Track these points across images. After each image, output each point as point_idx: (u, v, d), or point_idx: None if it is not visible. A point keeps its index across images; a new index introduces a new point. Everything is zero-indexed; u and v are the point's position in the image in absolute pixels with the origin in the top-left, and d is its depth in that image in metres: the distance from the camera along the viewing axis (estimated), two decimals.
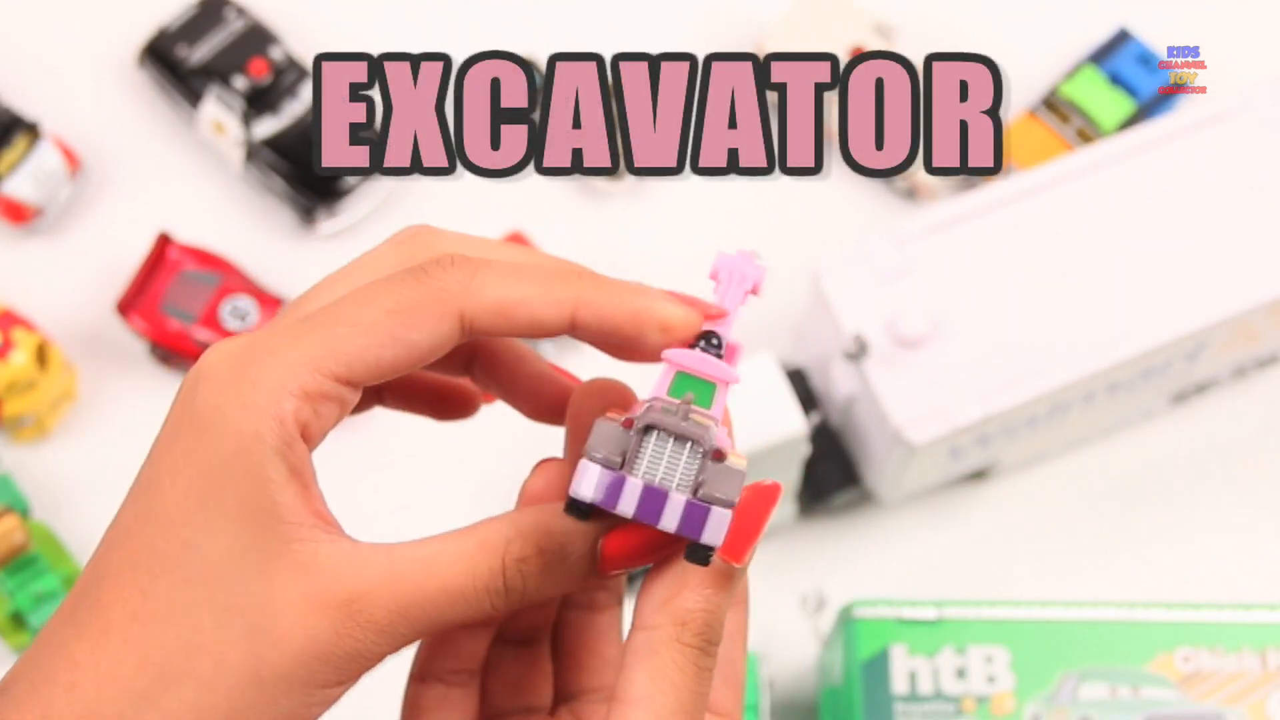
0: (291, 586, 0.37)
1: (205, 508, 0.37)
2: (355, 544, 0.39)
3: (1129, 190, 0.86)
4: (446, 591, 0.39)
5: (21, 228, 0.99)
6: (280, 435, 0.37)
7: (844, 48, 0.98)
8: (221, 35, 1.01)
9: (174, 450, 0.38)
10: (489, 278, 0.39)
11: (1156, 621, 0.76)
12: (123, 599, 0.37)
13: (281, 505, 0.37)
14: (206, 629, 0.37)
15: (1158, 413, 0.96)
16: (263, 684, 0.37)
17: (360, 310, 0.38)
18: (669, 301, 0.41)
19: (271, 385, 0.37)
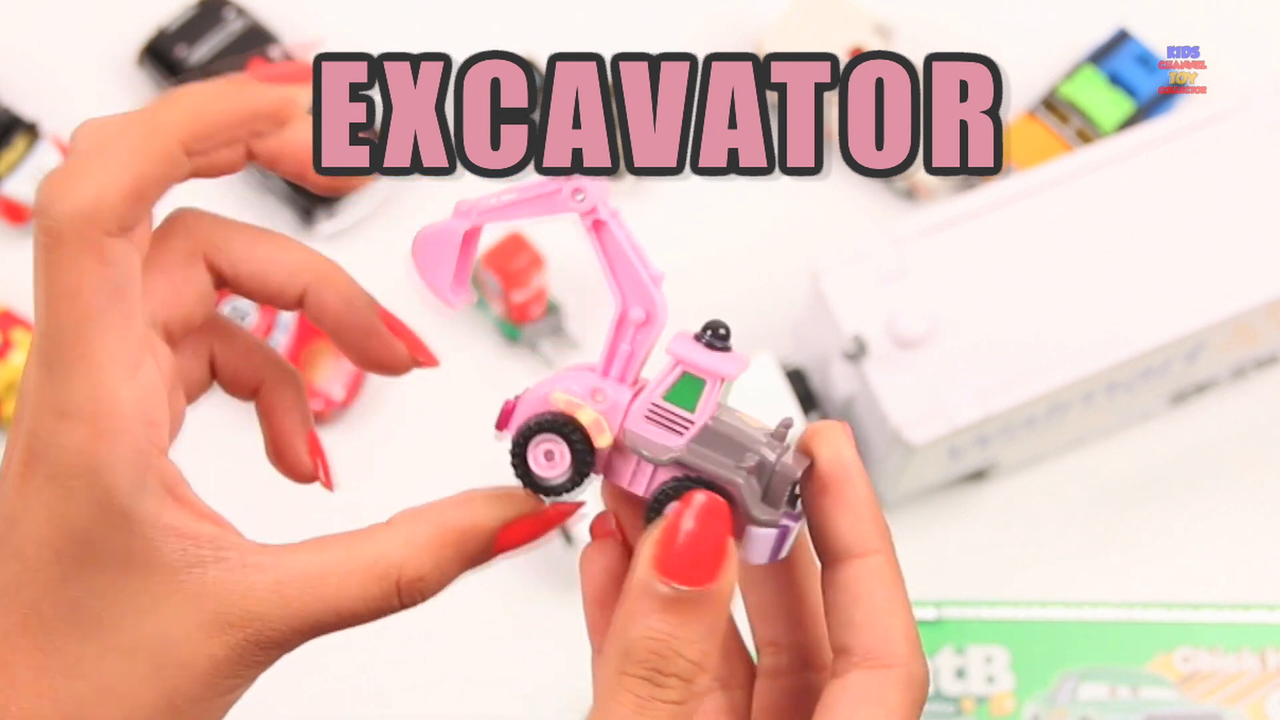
0: (186, 618, 0.38)
1: (81, 568, 0.38)
2: (241, 558, 0.39)
3: (1128, 190, 0.86)
4: (336, 612, 0.40)
5: (21, 228, 0.99)
6: (133, 474, 0.37)
7: (843, 48, 0.98)
8: (221, 35, 1.00)
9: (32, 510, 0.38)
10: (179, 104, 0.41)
11: (1156, 621, 0.76)
12: (25, 658, 0.38)
13: (157, 538, 0.38)
14: (115, 674, 0.38)
15: (1157, 413, 0.96)
16: (176, 709, 0.39)
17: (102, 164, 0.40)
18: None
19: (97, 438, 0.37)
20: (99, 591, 0.38)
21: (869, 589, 0.40)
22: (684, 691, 0.37)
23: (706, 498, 0.38)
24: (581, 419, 0.39)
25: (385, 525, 0.40)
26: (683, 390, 0.40)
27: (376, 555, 0.40)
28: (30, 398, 0.39)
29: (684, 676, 0.37)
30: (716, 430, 0.40)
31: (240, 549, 0.39)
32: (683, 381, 0.40)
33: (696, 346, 0.40)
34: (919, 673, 0.40)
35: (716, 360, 0.40)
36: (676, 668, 0.37)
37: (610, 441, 0.40)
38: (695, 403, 0.40)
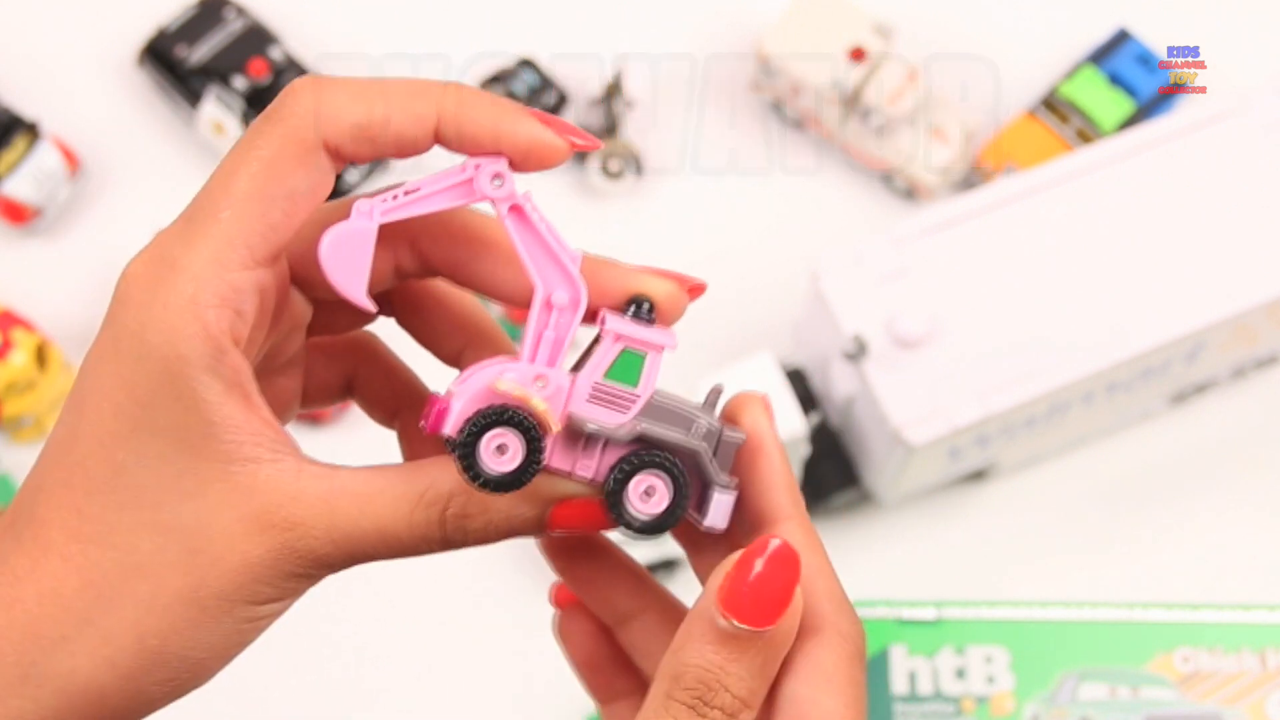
0: (228, 510, 0.37)
1: (136, 431, 0.37)
2: (298, 464, 0.38)
3: (1128, 190, 0.86)
4: (381, 533, 0.39)
5: (21, 228, 0.99)
6: (208, 351, 0.36)
7: (843, 48, 0.98)
8: (221, 35, 1.00)
9: (101, 371, 0.37)
10: (339, 98, 0.38)
11: (1156, 621, 0.76)
12: (60, 517, 0.37)
13: (218, 425, 0.37)
14: (144, 551, 0.37)
15: (1157, 413, 0.96)
16: (202, 604, 0.38)
17: (231, 185, 0.37)
18: (531, 121, 0.39)
19: (184, 302, 0.36)
20: (146, 461, 0.37)
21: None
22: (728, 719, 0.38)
23: (781, 544, 0.38)
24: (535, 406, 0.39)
25: (444, 459, 0.39)
26: (623, 367, 0.39)
27: (429, 483, 0.39)
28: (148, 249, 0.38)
29: (727, 711, 0.38)
30: (658, 404, 0.40)
31: (298, 457, 0.38)
32: (622, 358, 0.39)
33: (630, 322, 0.40)
34: (849, 628, 0.39)
35: (654, 333, 0.40)
36: (722, 701, 0.37)
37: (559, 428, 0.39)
38: (638, 378, 0.39)
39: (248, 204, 0.37)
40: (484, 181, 0.39)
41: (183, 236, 0.37)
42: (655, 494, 0.39)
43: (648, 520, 0.39)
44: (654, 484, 0.39)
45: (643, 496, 0.39)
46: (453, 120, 0.38)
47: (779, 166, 1.04)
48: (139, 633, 0.37)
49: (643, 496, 0.39)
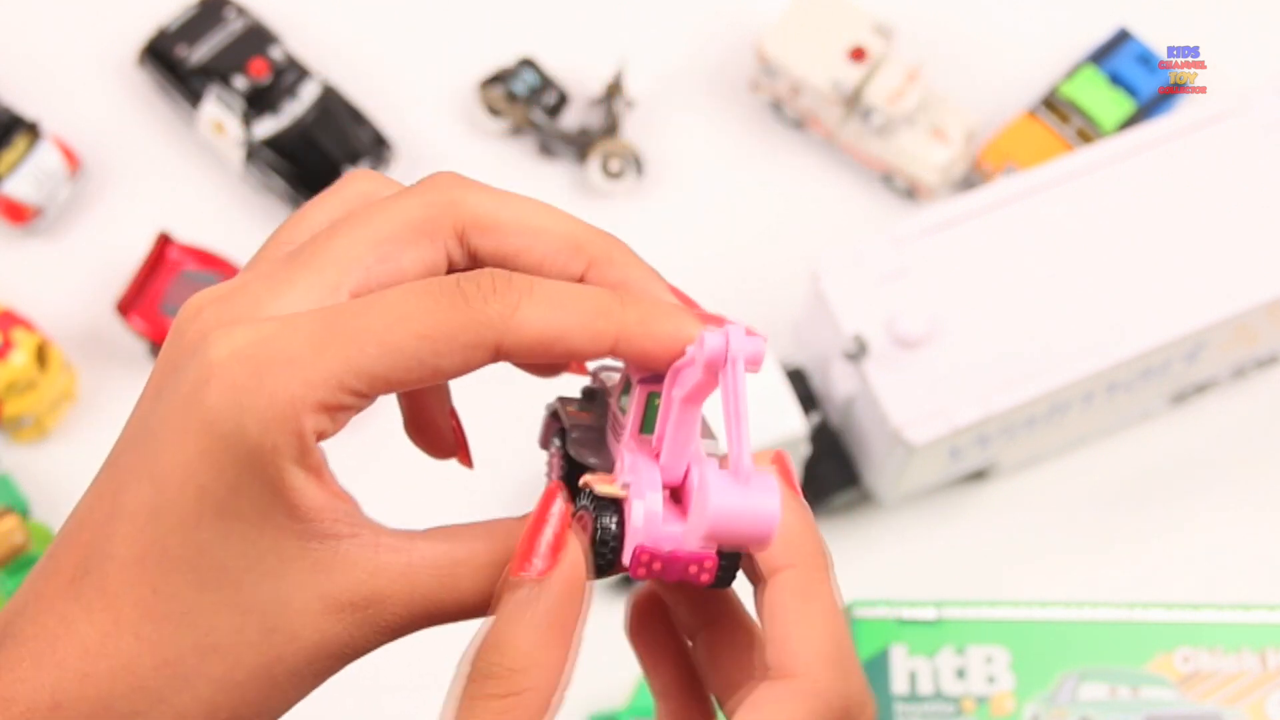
0: (309, 588, 0.37)
1: (222, 515, 0.36)
2: (375, 538, 0.38)
3: (1129, 190, 0.86)
4: (462, 606, 0.39)
5: (21, 228, 0.99)
6: (298, 447, 0.36)
7: (843, 48, 0.98)
8: (221, 35, 1.00)
9: (184, 448, 0.37)
10: (532, 311, 0.37)
11: (1156, 621, 0.76)
12: (133, 593, 0.37)
13: (301, 508, 0.37)
14: (222, 631, 0.37)
15: (1157, 413, 0.96)
16: (275, 681, 0.38)
17: (392, 330, 0.36)
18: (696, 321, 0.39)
19: (291, 399, 0.36)
20: (229, 544, 0.36)
21: (779, 602, 0.39)
22: (508, 686, 0.37)
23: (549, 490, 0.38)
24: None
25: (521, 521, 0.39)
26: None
27: (505, 547, 0.38)
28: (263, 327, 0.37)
29: (511, 667, 0.37)
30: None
31: (374, 530, 0.38)
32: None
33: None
34: (826, 686, 0.38)
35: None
36: (500, 658, 0.37)
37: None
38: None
39: (395, 355, 0.36)
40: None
41: (312, 340, 0.36)
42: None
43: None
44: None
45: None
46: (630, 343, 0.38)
47: (779, 166, 1.04)
48: (212, 709, 0.37)
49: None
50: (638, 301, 0.39)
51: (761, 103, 1.04)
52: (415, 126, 1.03)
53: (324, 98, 1.00)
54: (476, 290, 0.37)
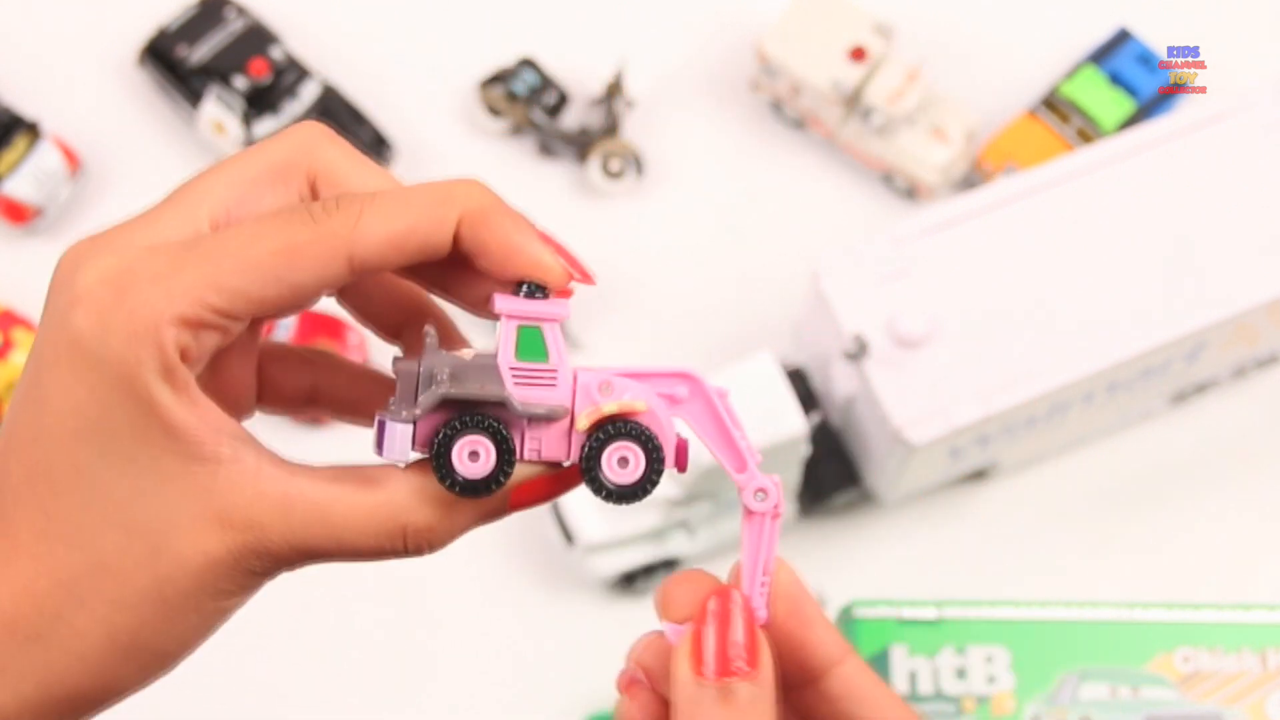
0: (190, 507, 0.38)
1: (98, 431, 0.38)
2: (256, 464, 0.39)
3: (1129, 190, 0.86)
4: (339, 543, 0.39)
5: (21, 228, 0.99)
6: (160, 360, 0.37)
7: (843, 48, 0.98)
8: (221, 35, 1.00)
9: (58, 370, 0.38)
10: (375, 215, 0.39)
11: (1156, 621, 0.76)
12: (27, 517, 0.38)
13: (176, 426, 0.38)
14: (110, 550, 0.38)
15: (1158, 413, 0.96)
16: (167, 601, 0.39)
17: (246, 247, 0.38)
18: (544, 248, 0.41)
19: (151, 312, 0.37)
20: (108, 462, 0.38)
21: (865, 685, 0.42)
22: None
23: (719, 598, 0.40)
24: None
25: (402, 471, 0.40)
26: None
27: (387, 498, 0.40)
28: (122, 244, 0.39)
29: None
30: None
31: (257, 456, 0.39)
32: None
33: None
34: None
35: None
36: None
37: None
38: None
39: (252, 270, 0.38)
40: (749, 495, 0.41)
41: (172, 257, 0.38)
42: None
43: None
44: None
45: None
46: (469, 223, 0.40)
47: (779, 166, 1.04)
48: (109, 629, 0.38)
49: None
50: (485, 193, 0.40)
51: (761, 103, 1.04)
52: (415, 126, 1.03)
53: (324, 98, 1.00)
54: (322, 208, 0.39)
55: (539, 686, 0.90)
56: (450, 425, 0.39)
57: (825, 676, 0.42)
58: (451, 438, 0.39)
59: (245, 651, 0.91)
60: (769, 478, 0.41)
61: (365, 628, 0.92)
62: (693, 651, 0.39)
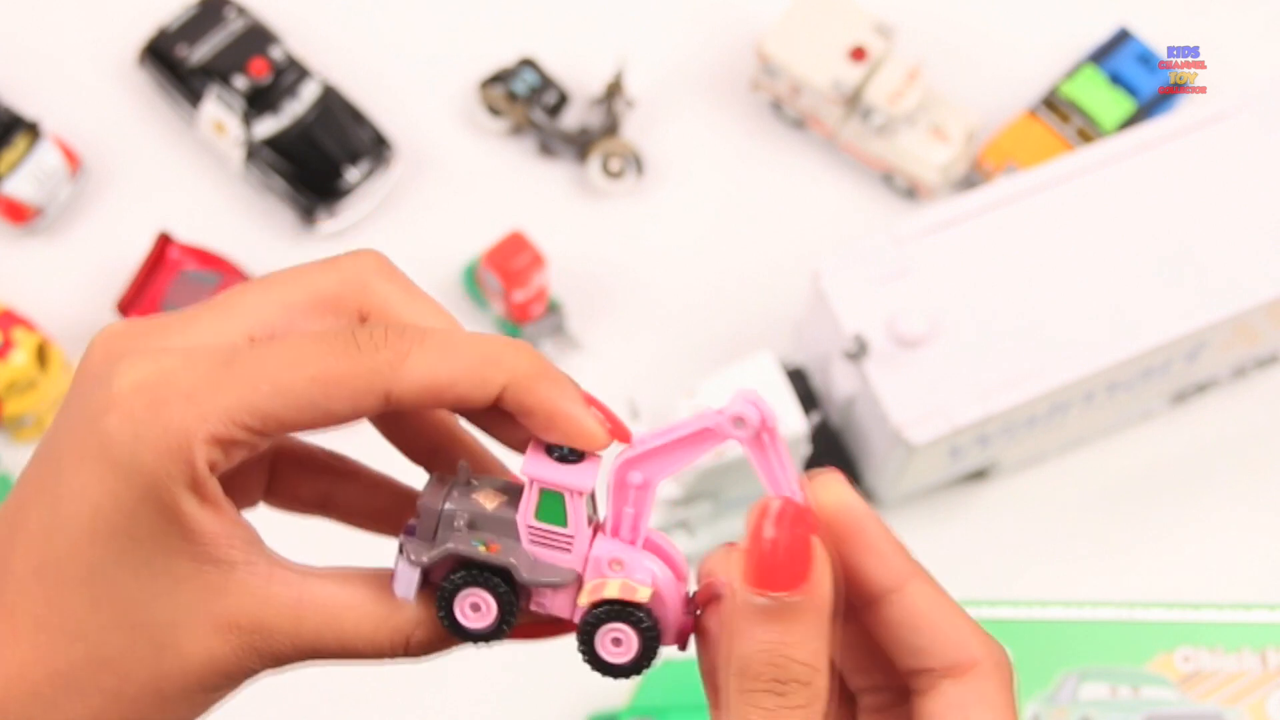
0: (199, 609, 0.39)
1: (117, 535, 0.38)
2: (269, 569, 0.39)
3: (1129, 190, 0.86)
4: (344, 648, 0.40)
5: (21, 228, 0.99)
6: (190, 475, 0.38)
7: (843, 48, 0.98)
8: (221, 35, 1.00)
9: (83, 471, 0.38)
10: (421, 359, 0.39)
11: (1156, 621, 0.76)
12: (29, 606, 0.39)
13: (196, 533, 0.38)
14: (112, 645, 0.39)
15: (1158, 413, 0.96)
16: (163, 696, 0.39)
17: (285, 371, 0.38)
18: (588, 415, 0.40)
19: (185, 430, 0.37)
20: (122, 564, 0.38)
21: (924, 610, 0.41)
22: (806, 695, 0.38)
23: (782, 502, 0.38)
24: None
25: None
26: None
27: (398, 610, 0.40)
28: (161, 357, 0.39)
29: (803, 680, 0.38)
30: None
31: (269, 560, 0.40)
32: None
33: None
34: (1000, 656, 0.41)
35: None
36: (794, 673, 0.38)
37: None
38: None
39: (288, 396, 0.38)
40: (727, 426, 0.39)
41: (209, 376, 0.38)
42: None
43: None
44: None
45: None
46: (516, 391, 0.39)
47: (779, 166, 1.04)
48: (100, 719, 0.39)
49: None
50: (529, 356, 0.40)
51: (762, 102, 1.04)
52: (415, 126, 1.03)
53: (324, 98, 1.00)
54: (369, 339, 0.39)
55: (539, 686, 0.90)
56: (454, 578, 0.39)
57: (883, 601, 0.41)
58: (455, 590, 0.40)
59: None
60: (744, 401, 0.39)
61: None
62: (751, 564, 0.38)
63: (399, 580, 0.40)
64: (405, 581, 0.40)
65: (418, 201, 1.02)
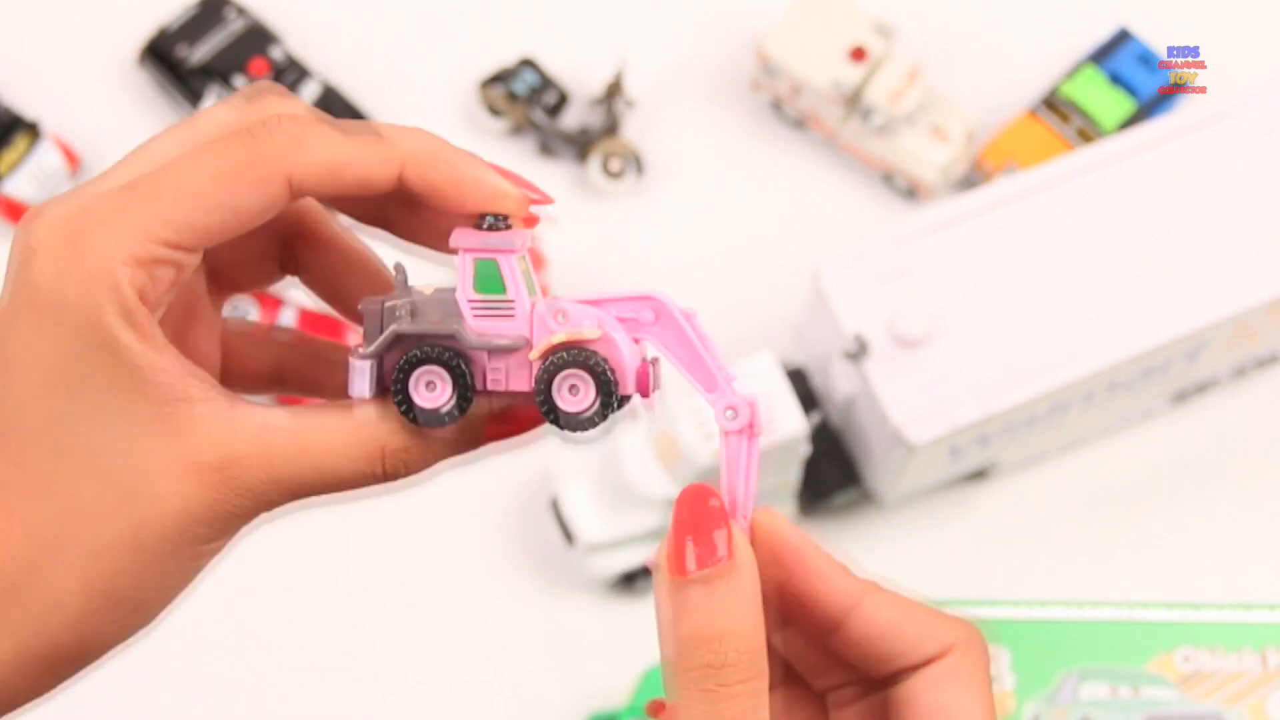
0: (165, 449, 0.38)
1: (65, 381, 0.38)
2: (230, 402, 0.39)
3: (1129, 190, 0.86)
4: (319, 470, 0.39)
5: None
6: (120, 303, 0.37)
7: (844, 48, 0.98)
8: (221, 35, 1.00)
9: (18, 326, 0.38)
10: (316, 139, 0.39)
11: (1156, 621, 0.76)
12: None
13: (145, 369, 0.38)
14: (84, 496, 0.38)
15: (1158, 413, 0.96)
16: (143, 546, 0.38)
17: (185, 176, 0.38)
18: (499, 177, 0.40)
19: (103, 255, 0.37)
20: (78, 409, 0.38)
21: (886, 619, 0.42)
22: (746, 669, 0.38)
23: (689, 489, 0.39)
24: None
25: (376, 400, 0.40)
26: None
27: (364, 422, 0.40)
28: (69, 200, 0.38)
29: (742, 650, 0.38)
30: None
31: (229, 396, 0.39)
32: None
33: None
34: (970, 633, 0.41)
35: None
36: (729, 645, 0.38)
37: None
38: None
39: (193, 199, 0.38)
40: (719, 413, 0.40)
41: (117, 199, 0.38)
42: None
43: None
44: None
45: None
46: (416, 165, 0.40)
47: (779, 166, 1.04)
48: (85, 577, 0.38)
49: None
50: (426, 134, 0.40)
51: (762, 103, 1.04)
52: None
53: (324, 98, 1.00)
54: (263, 127, 0.39)
55: (539, 686, 0.90)
56: (406, 359, 0.39)
57: (844, 623, 0.41)
58: (408, 370, 0.39)
59: (245, 651, 0.91)
60: (742, 396, 0.40)
61: (365, 627, 0.92)
62: (668, 553, 0.38)
63: (353, 380, 0.40)
64: (358, 378, 0.40)
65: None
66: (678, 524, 0.39)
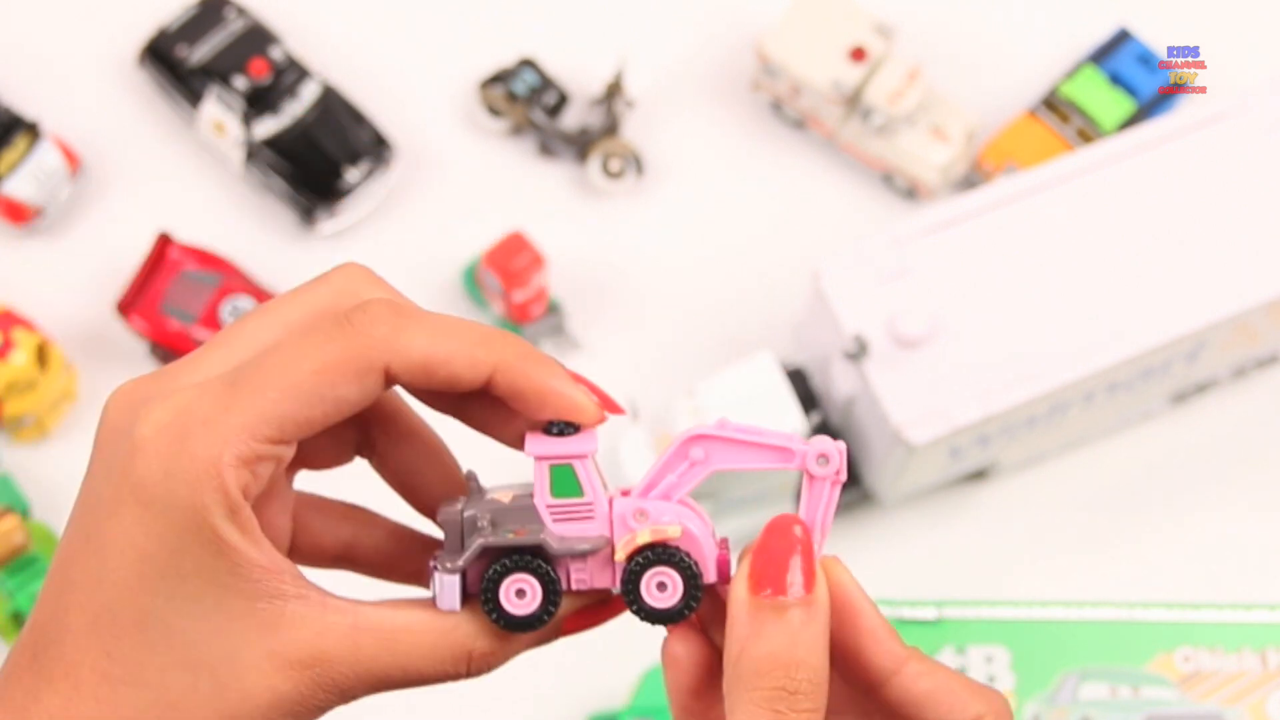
0: (258, 644, 0.39)
1: (164, 576, 0.38)
2: (321, 599, 0.40)
3: (1129, 190, 0.86)
4: (405, 671, 0.41)
5: (21, 228, 0.99)
6: (226, 504, 0.38)
7: (844, 48, 0.98)
8: (221, 35, 1.00)
9: (121, 518, 0.39)
10: (415, 332, 0.40)
11: (1156, 621, 0.76)
12: (89, 660, 0.39)
13: (243, 566, 0.39)
14: (175, 688, 0.39)
15: (1158, 413, 0.96)
16: None
17: (287, 370, 0.39)
18: (577, 388, 0.41)
19: (210, 458, 0.38)
20: (175, 605, 0.39)
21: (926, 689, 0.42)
22: (815, 700, 0.39)
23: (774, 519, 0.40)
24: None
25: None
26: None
27: (453, 626, 0.41)
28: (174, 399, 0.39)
29: (814, 682, 0.39)
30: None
31: (320, 592, 0.40)
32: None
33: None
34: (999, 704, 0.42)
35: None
36: (804, 674, 0.39)
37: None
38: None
39: (296, 394, 0.39)
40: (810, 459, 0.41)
41: (220, 399, 0.39)
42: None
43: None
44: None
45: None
46: (506, 371, 0.40)
47: (779, 166, 1.04)
48: None
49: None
50: (517, 341, 0.41)
51: (761, 103, 1.04)
52: (415, 126, 1.03)
53: (324, 98, 1.00)
54: (363, 315, 0.39)
55: (539, 686, 0.90)
56: (494, 569, 0.41)
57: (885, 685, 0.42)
58: (497, 580, 0.41)
59: None
60: (834, 444, 0.41)
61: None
62: (751, 572, 0.39)
63: (441, 594, 0.41)
64: (447, 592, 0.41)
65: (418, 202, 1.02)
66: (763, 547, 0.40)
